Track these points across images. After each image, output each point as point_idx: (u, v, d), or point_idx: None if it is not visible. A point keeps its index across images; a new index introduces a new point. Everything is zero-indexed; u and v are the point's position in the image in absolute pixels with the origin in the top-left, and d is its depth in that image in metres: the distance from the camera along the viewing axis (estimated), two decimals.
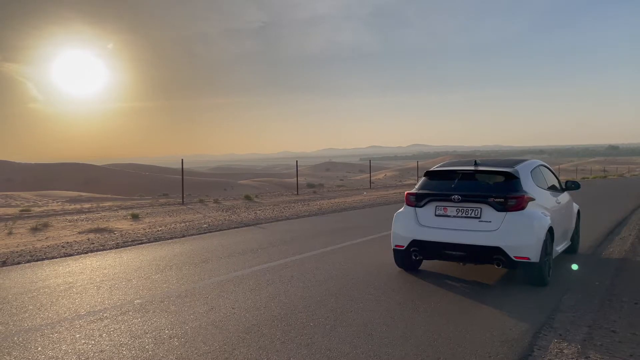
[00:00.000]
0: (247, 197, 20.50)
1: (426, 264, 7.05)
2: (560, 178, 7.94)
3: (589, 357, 3.88)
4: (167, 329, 4.54)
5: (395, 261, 6.81)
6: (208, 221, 12.73)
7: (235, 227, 11.63)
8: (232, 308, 5.15)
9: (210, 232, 10.94)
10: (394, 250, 6.64)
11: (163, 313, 5.03)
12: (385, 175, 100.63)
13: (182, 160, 20.54)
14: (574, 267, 7.05)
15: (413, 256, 6.43)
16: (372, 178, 33.03)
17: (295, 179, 25.72)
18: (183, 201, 19.06)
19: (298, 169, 25.48)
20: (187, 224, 12.27)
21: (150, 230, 11.22)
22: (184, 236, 10.32)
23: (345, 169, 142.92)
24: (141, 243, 9.54)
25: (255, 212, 14.80)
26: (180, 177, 19.82)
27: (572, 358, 3.85)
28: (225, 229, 11.32)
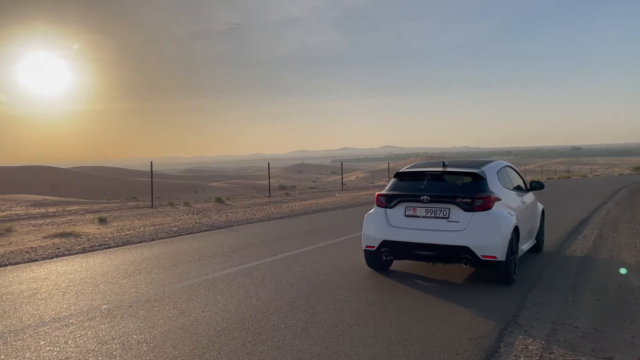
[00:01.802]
0: (219, 200, 20.31)
1: (397, 264, 7.13)
2: (526, 178, 8.16)
3: (553, 352, 4.00)
4: (136, 334, 4.46)
5: (367, 262, 6.87)
6: (178, 224, 12.56)
7: (206, 230, 11.51)
8: (203, 311, 5.10)
9: (181, 235, 10.80)
10: (365, 251, 6.70)
11: (131, 318, 4.94)
12: (357, 176, 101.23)
13: (152, 162, 20.21)
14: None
15: (384, 256, 6.50)
16: (344, 179, 33.19)
17: (267, 181, 25.62)
18: (152, 204, 18.75)
19: (270, 170, 25.40)
20: (157, 227, 12.08)
21: (119, 234, 11.00)
22: (153, 240, 10.15)
23: (317, 171, 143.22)
24: (109, 247, 9.34)
25: (227, 215, 14.68)
26: (150, 179, 19.49)
27: (537, 354, 3.96)
28: (196, 232, 11.19)
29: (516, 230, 6.36)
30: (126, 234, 10.89)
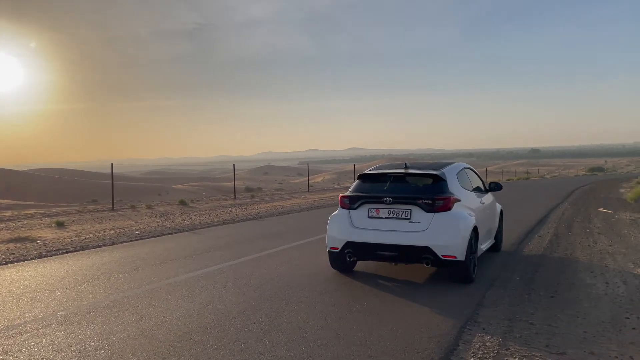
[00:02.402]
0: (182, 202, 19.99)
1: (360, 265, 7.20)
2: (487, 180, 8.39)
3: (509, 348, 4.12)
4: (93, 341, 4.35)
5: (331, 263, 6.90)
6: (140, 228, 12.30)
7: (169, 233, 11.31)
8: (163, 316, 5.01)
9: (142, 239, 10.57)
10: (329, 252, 6.73)
11: (89, 324, 4.81)
12: (323, 178, 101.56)
13: (112, 164, 19.71)
14: None
15: (347, 257, 6.55)
16: (310, 181, 33.24)
17: (233, 182, 25.39)
18: (113, 207, 18.28)
19: (236, 172, 25.19)
20: (117, 231, 11.79)
21: (77, 238, 10.68)
22: (113, 244, 9.90)
23: (283, 173, 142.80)
24: (66, 252, 9.06)
25: (191, 218, 14.47)
26: (111, 182, 19.00)
27: (494, 350, 4.08)
28: (158, 236, 10.99)
29: (475, 230, 6.52)
30: (85, 238, 10.59)
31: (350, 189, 6.88)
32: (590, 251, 8.47)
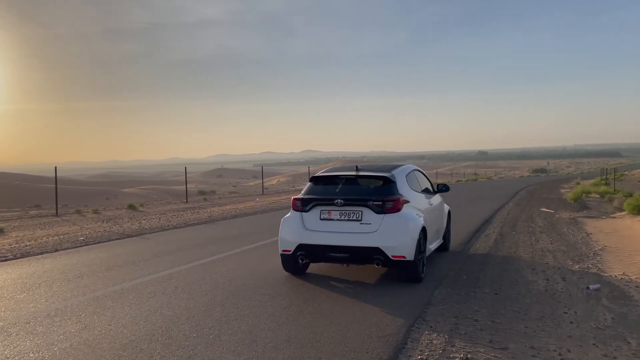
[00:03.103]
0: (131, 207, 19.41)
1: (313, 267, 7.22)
2: (438, 181, 8.63)
3: (455, 345, 4.25)
4: (33, 352, 4.15)
5: (283, 266, 6.89)
6: (85, 233, 11.84)
7: (116, 239, 10.94)
8: (108, 325, 4.85)
9: (88, 244, 10.18)
10: (281, 255, 6.72)
11: (28, 335, 4.59)
12: (278, 180, 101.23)
13: (56, 168, 18.88)
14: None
15: (300, 260, 6.56)
16: (265, 184, 33.06)
17: (185, 186, 24.90)
18: (57, 212, 17.52)
19: (188, 175, 24.71)
20: (61, 237, 11.30)
21: (17, 245, 10.16)
22: (56, 250, 9.48)
23: (238, 175, 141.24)
24: (6, 260, 8.60)
25: (140, 222, 14.06)
26: (55, 185, 18.19)
27: (440, 347, 4.19)
28: (105, 241, 10.61)
29: (424, 230, 6.68)
30: (26, 245, 10.09)
31: (302, 192, 6.89)
32: (533, 249, 8.86)
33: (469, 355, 4.00)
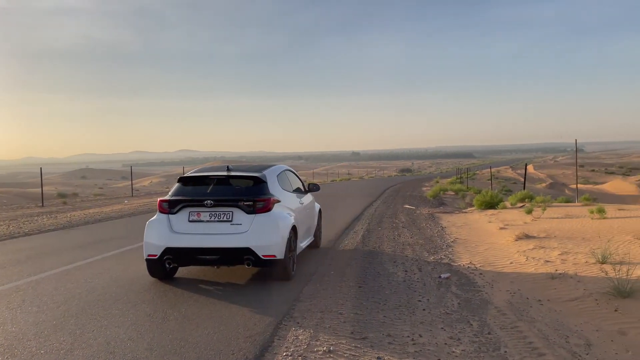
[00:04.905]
0: None
1: (182, 271, 6.99)
2: (315, 181, 8.85)
3: (319, 339, 4.40)
4: None
5: (149, 271, 6.57)
6: None
7: None
8: None
9: None
10: (147, 260, 6.41)
11: None
12: (151, 182, 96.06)
13: None
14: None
15: (167, 264, 6.31)
16: (136, 185, 31.19)
17: (41, 188, 22.51)
18: None
19: (48, 176, 22.37)
20: None
21: None
22: None
23: (105, 176, 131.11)
24: None
25: None
26: None
27: (305, 342, 4.32)
28: None
29: (294, 229, 6.83)
30: None
31: (169, 193, 6.64)
32: (395, 243, 9.53)
33: (331, 347, 4.18)
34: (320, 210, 9.38)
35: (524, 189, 22.68)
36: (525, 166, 27.09)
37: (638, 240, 8.60)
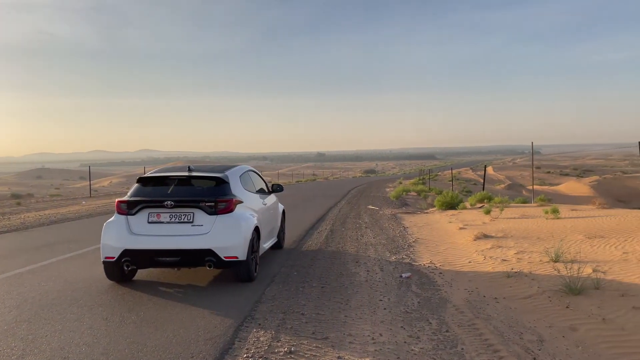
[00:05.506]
0: None
1: (141, 273, 6.84)
2: (280, 182, 8.82)
3: (280, 340, 4.40)
4: None
5: (106, 274, 6.39)
6: None
7: None
8: None
9: None
10: (104, 262, 6.24)
11: None
12: (110, 182, 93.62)
13: None
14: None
15: (125, 267, 6.17)
16: (95, 186, 30.29)
17: None
18: None
19: (1, 176, 21.43)
20: None
21: None
22: None
23: (62, 176, 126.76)
24: None
25: None
26: None
27: (266, 344, 4.30)
28: None
29: (257, 230, 6.79)
30: None
31: (128, 194, 6.49)
32: (358, 244, 9.61)
33: (292, 348, 4.18)
34: (284, 211, 9.36)
35: (484, 190, 23.30)
36: (485, 168, 27.79)
37: (589, 239, 8.98)
